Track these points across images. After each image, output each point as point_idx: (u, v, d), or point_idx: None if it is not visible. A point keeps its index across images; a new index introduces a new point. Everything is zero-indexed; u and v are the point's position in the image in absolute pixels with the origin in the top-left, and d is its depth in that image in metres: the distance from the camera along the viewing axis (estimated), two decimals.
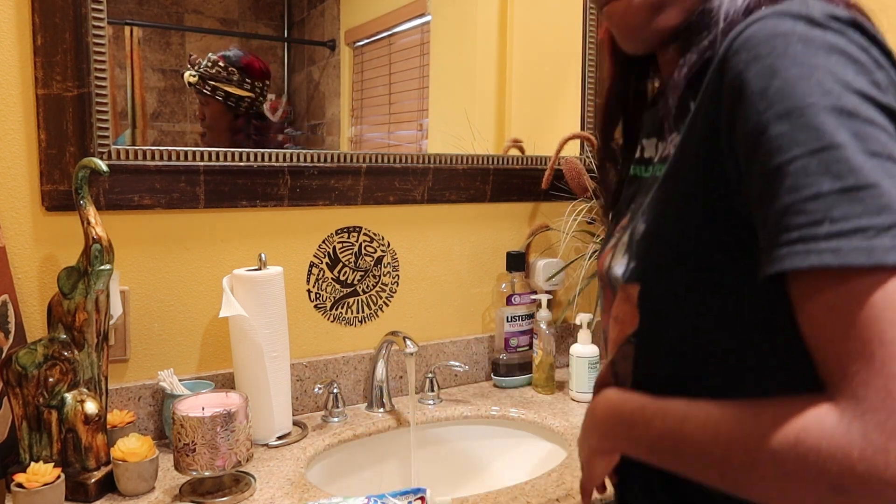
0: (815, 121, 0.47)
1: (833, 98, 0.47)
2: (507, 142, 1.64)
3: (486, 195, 1.55)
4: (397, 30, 1.54)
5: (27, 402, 1.02)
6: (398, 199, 1.44)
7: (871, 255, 0.44)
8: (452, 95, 1.58)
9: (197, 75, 1.32)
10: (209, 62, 1.33)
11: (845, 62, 0.49)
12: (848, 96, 0.47)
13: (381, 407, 1.39)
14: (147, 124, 1.29)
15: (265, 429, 1.23)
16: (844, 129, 0.46)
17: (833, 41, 0.49)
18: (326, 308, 1.40)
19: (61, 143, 1.12)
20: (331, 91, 1.47)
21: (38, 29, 1.09)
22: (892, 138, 0.47)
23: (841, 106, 0.47)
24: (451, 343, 1.53)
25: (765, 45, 0.51)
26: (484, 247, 1.58)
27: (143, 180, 1.19)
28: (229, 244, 1.29)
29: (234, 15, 1.36)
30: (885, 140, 0.47)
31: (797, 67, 0.49)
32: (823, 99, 0.47)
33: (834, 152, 0.46)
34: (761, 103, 0.49)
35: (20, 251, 1.13)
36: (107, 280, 1.07)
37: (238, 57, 1.37)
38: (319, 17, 1.46)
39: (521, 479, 1.11)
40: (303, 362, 1.36)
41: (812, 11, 0.51)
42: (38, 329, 1.13)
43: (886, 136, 0.47)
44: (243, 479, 1.08)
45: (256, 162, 1.28)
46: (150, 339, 1.24)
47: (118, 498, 1.03)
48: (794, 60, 0.49)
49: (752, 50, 0.51)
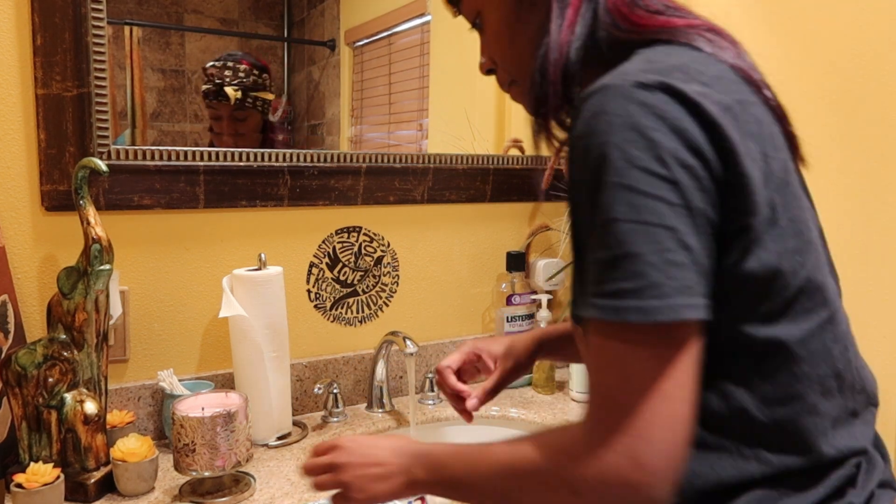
0: (603, 198, 0.56)
1: (616, 176, 0.56)
2: (507, 142, 1.64)
3: (486, 195, 1.55)
4: (397, 30, 1.54)
5: (27, 403, 1.02)
6: (398, 199, 1.44)
7: (617, 312, 0.55)
8: (452, 95, 1.58)
9: (240, 89, 1.30)
10: (242, 72, 1.30)
11: (634, 139, 0.56)
12: (631, 173, 0.56)
13: (380, 407, 1.39)
14: (147, 124, 1.29)
15: (265, 429, 1.23)
16: (621, 203, 0.55)
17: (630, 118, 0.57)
18: (326, 308, 1.40)
19: (61, 143, 1.12)
20: (331, 91, 1.47)
21: (38, 29, 1.09)
22: (670, 206, 0.55)
23: (624, 182, 0.56)
24: (451, 343, 1.53)
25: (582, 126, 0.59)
26: (484, 247, 1.58)
27: (142, 180, 1.19)
28: (229, 244, 1.29)
29: (234, 15, 1.36)
30: (661, 209, 0.55)
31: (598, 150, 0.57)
32: (610, 178, 0.56)
33: (611, 225, 0.56)
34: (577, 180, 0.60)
35: (20, 251, 1.13)
36: (106, 280, 1.07)
37: (256, 59, 1.35)
38: (319, 17, 1.46)
39: None
40: (303, 362, 1.36)
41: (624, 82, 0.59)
42: (38, 329, 1.13)
43: (664, 205, 0.55)
44: (243, 480, 1.08)
45: (256, 162, 1.28)
46: (150, 339, 1.24)
47: (118, 498, 1.03)
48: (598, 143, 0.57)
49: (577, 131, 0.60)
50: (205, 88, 1.33)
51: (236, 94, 1.31)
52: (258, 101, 1.35)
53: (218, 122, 1.35)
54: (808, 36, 1.31)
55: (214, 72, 1.31)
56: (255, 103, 1.35)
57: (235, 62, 1.33)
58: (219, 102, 1.33)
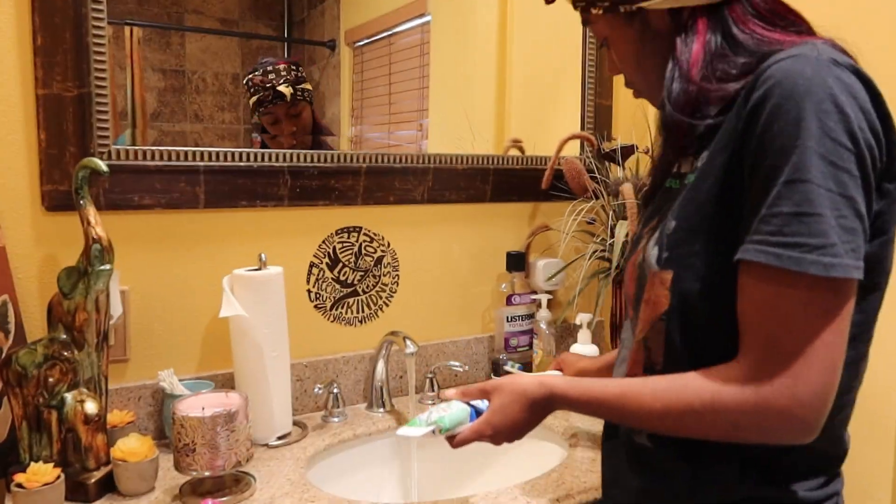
0: (797, 159, 0.63)
1: (814, 142, 0.62)
2: (507, 142, 1.64)
3: (486, 195, 1.55)
4: (397, 30, 1.54)
5: (27, 402, 1.02)
6: (398, 199, 1.44)
7: (799, 263, 0.61)
8: (452, 95, 1.58)
9: (290, 84, 1.34)
10: (284, 70, 1.34)
11: (831, 111, 0.63)
12: (825, 142, 0.62)
13: (381, 407, 1.39)
14: (147, 124, 1.29)
15: (265, 429, 1.23)
16: (815, 168, 0.62)
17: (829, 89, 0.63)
18: (326, 308, 1.40)
19: (61, 143, 1.12)
20: (331, 91, 1.48)
21: (38, 29, 1.09)
22: (852, 178, 0.63)
23: (819, 150, 0.62)
24: (451, 343, 1.53)
25: (776, 86, 0.65)
26: (484, 247, 1.58)
27: (143, 180, 1.19)
28: (229, 244, 1.29)
29: (235, 15, 1.36)
30: (845, 180, 0.62)
31: (795, 111, 0.63)
32: (806, 142, 0.62)
33: (801, 185, 0.62)
34: (766, 135, 0.65)
35: (20, 251, 1.13)
36: (107, 280, 1.07)
37: (284, 56, 1.39)
38: (319, 17, 1.46)
39: (521, 479, 1.11)
40: (303, 362, 1.36)
41: (820, 56, 0.65)
42: (38, 329, 1.13)
43: (848, 176, 0.63)
44: (243, 479, 1.08)
45: (256, 162, 1.28)
46: (150, 338, 1.24)
47: (118, 498, 1.03)
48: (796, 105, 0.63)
49: (767, 88, 0.65)
50: (258, 97, 1.36)
51: (289, 91, 1.36)
52: (306, 91, 1.41)
53: (276, 125, 1.39)
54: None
55: (259, 79, 1.35)
56: (304, 95, 1.40)
57: (273, 65, 1.38)
58: (275, 105, 1.38)
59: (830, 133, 0.62)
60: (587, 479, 1.10)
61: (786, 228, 0.62)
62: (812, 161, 0.62)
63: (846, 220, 0.62)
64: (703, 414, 0.67)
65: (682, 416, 0.68)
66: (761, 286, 0.64)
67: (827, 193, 0.62)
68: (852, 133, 0.63)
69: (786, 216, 0.62)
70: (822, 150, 0.62)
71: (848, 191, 0.62)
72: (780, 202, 0.63)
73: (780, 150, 0.63)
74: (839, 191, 0.62)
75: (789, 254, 0.62)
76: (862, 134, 0.64)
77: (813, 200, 0.62)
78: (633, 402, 0.72)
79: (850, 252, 0.62)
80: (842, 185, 0.62)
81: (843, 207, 0.62)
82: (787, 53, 0.67)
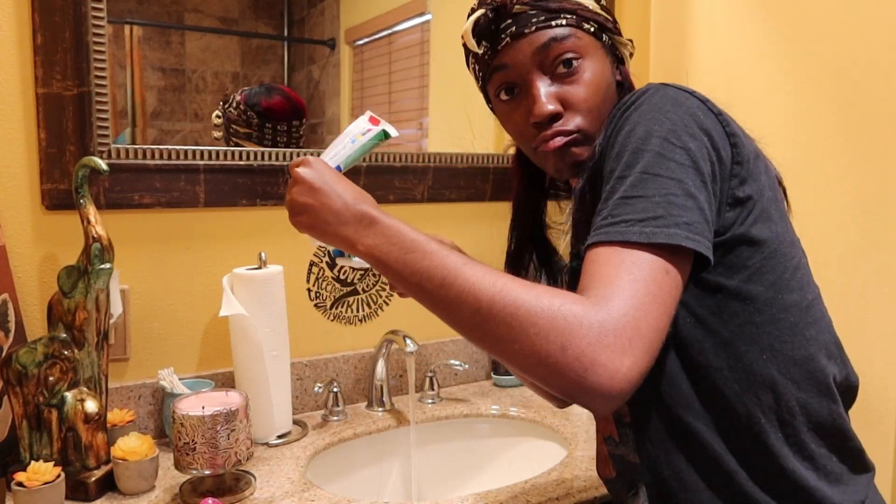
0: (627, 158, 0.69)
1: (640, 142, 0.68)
2: (507, 140, 1.64)
3: (486, 194, 1.55)
4: (397, 28, 1.54)
5: (27, 401, 1.02)
6: (398, 197, 1.44)
7: (623, 234, 0.64)
8: (452, 94, 1.58)
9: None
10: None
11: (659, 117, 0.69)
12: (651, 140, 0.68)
13: (381, 406, 1.39)
14: (147, 123, 1.29)
15: (265, 428, 1.23)
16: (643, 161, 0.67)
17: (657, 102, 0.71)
18: (326, 307, 1.40)
19: (61, 142, 1.12)
20: (331, 90, 1.47)
21: (38, 28, 1.09)
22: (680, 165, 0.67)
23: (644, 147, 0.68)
24: (450, 342, 1.53)
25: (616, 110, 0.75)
26: (484, 246, 1.58)
27: (142, 179, 1.19)
28: (229, 243, 1.29)
29: (234, 14, 1.36)
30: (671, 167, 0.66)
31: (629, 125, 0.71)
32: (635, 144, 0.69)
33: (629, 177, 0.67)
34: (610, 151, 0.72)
35: (20, 250, 1.13)
36: (107, 279, 1.07)
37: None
38: (319, 16, 1.46)
39: (520, 478, 1.11)
40: (303, 361, 1.36)
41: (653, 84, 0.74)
42: (39, 328, 1.13)
43: (675, 164, 0.67)
44: (243, 478, 1.08)
45: (256, 161, 1.28)
46: (151, 337, 1.24)
47: (118, 497, 1.04)
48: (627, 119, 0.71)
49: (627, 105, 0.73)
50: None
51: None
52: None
53: None
54: (812, 40, 1.30)
55: None
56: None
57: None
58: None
59: (656, 133, 0.68)
60: (587, 479, 1.10)
61: (614, 211, 0.66)
62: (640, 156, 0.67)
63: (676, 198, 0.65)
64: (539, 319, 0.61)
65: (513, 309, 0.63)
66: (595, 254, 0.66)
67: (653, 178, 0.66)
68: (675, 132, 0.68)
69: (614, 202, 0.67)
70: (649, 147, 0.67)
71: (675, 174, 0.66)
72: (612, 194, 0.68)
73: (616, 156, 0.70)
74: (666, 174, 0.66)
75: (616, 229, 0.65)
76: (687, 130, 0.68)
77: (637, 185, 0.66)
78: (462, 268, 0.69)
79: (683, 224, 0.64)
80: (669, 170, 0.66)
81: (672, 188, 0.65)
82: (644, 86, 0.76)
